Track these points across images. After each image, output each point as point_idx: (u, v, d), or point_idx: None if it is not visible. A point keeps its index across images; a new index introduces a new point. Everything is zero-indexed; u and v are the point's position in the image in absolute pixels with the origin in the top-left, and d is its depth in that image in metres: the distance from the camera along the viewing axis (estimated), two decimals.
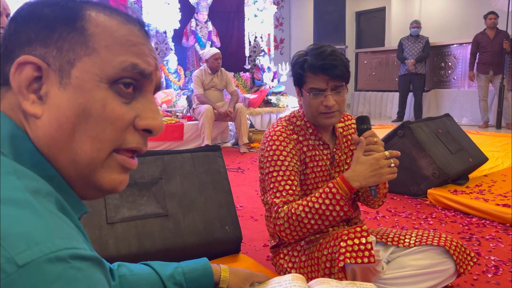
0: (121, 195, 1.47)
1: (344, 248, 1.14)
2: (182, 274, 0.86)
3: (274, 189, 1.28)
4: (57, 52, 0.45)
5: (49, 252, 0.33)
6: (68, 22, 0.45)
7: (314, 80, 1.27)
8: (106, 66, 0.46)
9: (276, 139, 1.32)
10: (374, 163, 1.16)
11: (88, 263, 0.36)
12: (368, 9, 9.90)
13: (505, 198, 2.54)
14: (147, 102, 0.49)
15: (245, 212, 2.49)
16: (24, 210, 0.35)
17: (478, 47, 6.08)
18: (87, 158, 0.46)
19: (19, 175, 0.39)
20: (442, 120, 3.19)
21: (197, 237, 1.51)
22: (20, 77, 0.44)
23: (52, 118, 0.44)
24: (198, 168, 1.63)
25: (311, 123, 1.36)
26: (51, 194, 0.41)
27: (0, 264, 0.31)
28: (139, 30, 0.49)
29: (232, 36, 6.94)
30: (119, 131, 0.47)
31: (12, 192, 0.37)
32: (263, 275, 1.01)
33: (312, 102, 1.28)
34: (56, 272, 0.33)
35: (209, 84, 4.72)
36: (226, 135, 5.21)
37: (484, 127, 6.13)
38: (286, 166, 1.29)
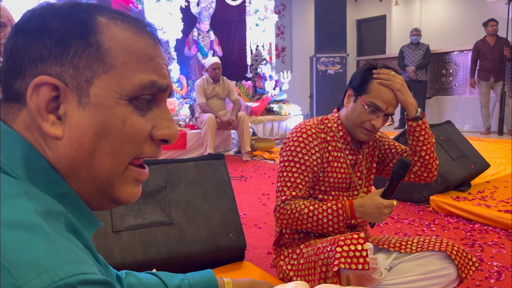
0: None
1: (339, 253, 1.16)
2: (189, 286, 0.87)
3: (286, 178, 1.35)
4: (73, 70, 0.44)
5: (58, 280, 0.33)
6: (82, 37, 0.44)
7: (379, 97, 1.32)
8: (125, 84, 0.45)
9: (304, 132, 1.37)
10: (381, 208, 1.26)
11: (99, 287, 0.36)
12: (369, 17, 9.96)
13: (507, 204, 2.54)
14: (162, 112, 0.49)
15: (248, 220, 2.50)
16: (33, 234, 0.35)
17: (479, 54, 6.11)
18: (107, 172, 0.46)
19: (29, 196, 0.39)
20: (444, 127, 3.21)
21: (202, 244, 1.52)
22: (38, 99, 0.43)
23: (73, 138, 0.44)
24: (202, 176, 1.65)
25: (343, 127, 1.41)
26: (62, 215, 0.41)
27: None
28: (150, 39, 0.48)
29: (234, 45, 6.99)
30: (138, 144, 0.47)
31: (21, 215, 0.36)
32: (266, 282, 1.02)
33: (363, 115, 1.33)
34: None
35: (211, 93, 4.75)
36: (229, 144, 5.24)
37: (486, 133, 6.13)
38: (305, 160, 1.35)
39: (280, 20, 8.95)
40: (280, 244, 1.48)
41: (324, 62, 7.14)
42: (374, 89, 1.32)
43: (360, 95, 1.34)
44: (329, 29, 7.07)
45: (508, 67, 6.12)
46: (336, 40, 7.11)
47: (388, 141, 1.53)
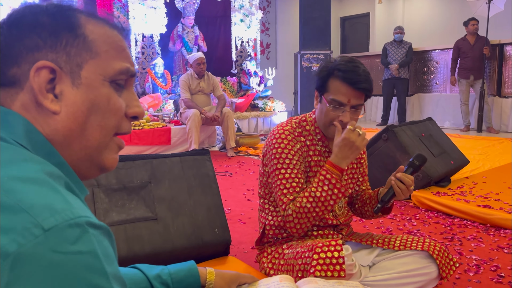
0: (110, 199, 1.48)
1: (316, 261, 1.16)
2: (169, 274, 0.88)
3: (281, 186, 1.32)
4: (66, 57, 0.52)
5: (69, 219, 0.40)
6: (71, 30, 0.52)
7: (337, 92, 1.29)
8: (107, 68, 0.54)
9: (284, 137, 1.36)
10: (346, 142, 1.26)
11: (100, 231, 0.42)
12: (353, 14, 10.04)
13: (486, 199, 2.61)
14: (131, 94, 0.59)
15: (233, 215, 2.51)
16: (44, 186, 0.42)
17: (459, 53, 6.23)
18: (96, 142, 0.54)
19: (35, 161, 0.46)
20: (425, 124, 3.27)
21: (187, 240, 1.52)
22: (39, 79, 0.50)
23: (69, 113, 0.52)
24: (187, 172, 1.65)
25: (321, 130, 1.41)
26: (61, 177, 0.48)
27: (30, 228, 0.37)
28: (119, 34, 0.58)
29: (218, 40, 6.97)
30: (119, 119, 0.56)
31: (32, 173, 0.43)
32: (250, 276, 1.03)
33: (329, 113, 1.32)
34: (76, 235, 0.39)
35: (196, 89, 4.73)
36: (214, 140, 5.23)
37: (465, 130, 6.27)
38: (294, 164, 1.33)
39: (265, 17, 8.94)
40: (263, 242, 1.49)
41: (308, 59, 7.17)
42: (332, 86, 1.30)
43: (322, 94, 1.34)
44: (314, 26, 7.11)
45: (487, 65, 6.26)
46: (320, 37, 7.15)
47: (364, 168, 1.54)
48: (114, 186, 1.49)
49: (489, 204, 2.48)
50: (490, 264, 1.79)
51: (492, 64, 6.39)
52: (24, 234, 0.37)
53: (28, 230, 0.37)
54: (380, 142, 2.86)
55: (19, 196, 0.40)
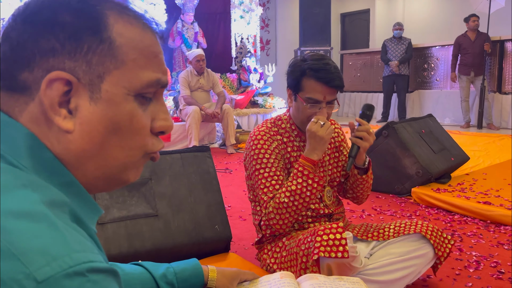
0: (111, 196, 1.48)
1: (319, 243, 1.18)
2: (174, 274, 0.88)
3: (261, 186, 1.36)
4: (86, 66, 0.44)
5: (67, 267, 0.34)
6: (95, 33, 0.44)
7: (312, 90, 1.33)
8: (133, 80, 0.46)
9: (260, 138, 1.39)
10: (310, 134, 1.30)
11: (104, 275, 0.37)
12: (353, 11, 10.01)
13: (486, 195, 2.61)
14: (159, 105, 0.51)
15: (233, 211, 2.51)
16: (41, 223, 0.36)
17: (460, 49, 6.22)
18: (118, 162, 0.48)
19: (34, 187, 0.40)
20: (425, 120, 3.27)
21: (187, 236, 1.52)
22: (52, 93, 0.43)
23: (84, 132, 0.45)
24: (187, 169, 1.65)
25: (296, 126, 1.44)
26: (66, 205, 0.41)
27: (20, 280, 0.32)
28: (154, 36, 0.49)
29: (218, 37, 6.95)
30: (144, 137, 0.49)
31: (28, 205, 0.37)
32: (251, 272, 1.03)
33: (306, 111, 1.36)
34: (75, 287, 0.34)
35: (195, 86, 4.72)
36: (213, 136, 5.22)
37: (465, 127, 6.27)
38: (272, 163, 1.37)
39: (265, 13, 8.92)
40: (262, 241, 1.50)
41: None
42: (307, 85, 1.33)
43: (297, 93, 1.36)
44: (314, 23, 7.09)
45: (488, 62, 6.25)
46: (320, 33, 7.14)
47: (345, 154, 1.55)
48: None
49: (489, 200, 2.48)
50: (490, 260, 1.79)
51: (492, 61, 6.38)
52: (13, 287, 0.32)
53: (18, 282, 0.32)
54: (381, 139, 2.86)
55: (10, 237, 0.33)
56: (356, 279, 1.06)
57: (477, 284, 1.58)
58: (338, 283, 1.02)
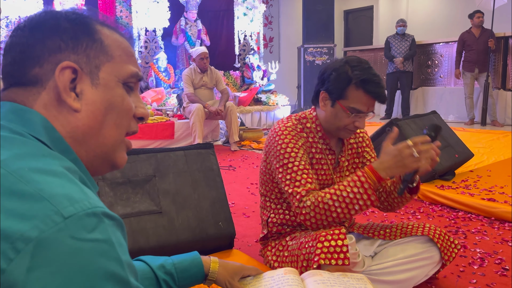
0: (115, 193, 1.48)
1: (320, 249, 1.16)
2: (172, 264, 0.89)
3: (291, 180, 1.29)
4: (86, 58, 0.56)
5: (87, 208, 0.42)
6: (89, 35, 0.57)
7: (359, 102, 1.27)
8: (120, 71, 0.59)
9: (287, 133, 1.34)
10: (397, 154, 1.18)
11: (114, 222, 0.45)
12: (356, 7, 9.97)
13: (490, 192, 2.60)
14: (136, 97, 0.63)
15: (237, 208, 2.52)
16: (62, 178, 0.45)
17: (464, 46, 6.18)
18: (113, 140, 0.58)
19: (54, 156, 0.49)
20: (429, 117, 3.25)
21: (191, 233, 1.53)
22: (64, 78, 0.53)
23: (89, 111, 0.55)
24: (191, 166, 1.65)
25: (322, 128, 1.38)
26: (76, 172, 0.50)
27: (50, 215, 0.40)
28: (128, 40, 0.63)
29: (221, 34, 6.95)
30: (130, 119, 0.60)
31: (51, 166, 0.46)
32: (254, 268, 1.03)
33: (345, 119, 1.30)
34: (93, 223, 0.42)
35: (199, 83, 4.72)
36: (217, 134, 5.23)
37: (470, 124, 6.24)
38: (300, 157, 1.31)
39: (268, 10, 8.90)
40: (266, 237, 1.49)
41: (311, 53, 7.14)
42: (352, 95, 1.27)
43: (337, 99, 1.29)
44: (317, 20, 7.07)
45: (492, 58, 6.21)
46: (323, 30, 7.11)
47: (370, 160, 1.48)
48: (119, 179, 1.50)
49: (494, 197, 2.47)
50: (495, 257, 1.79)
51: (496, 57, 6.34)
52: (46, 220, 0.39)
53: (49, 217, 0.40)
54: (384, 136, 2.85)
55: (40, 185, 0.42)
56: (360, 275, 1.07)
57: (481, 281, 1.58)
58: (342, 279, 1.02)
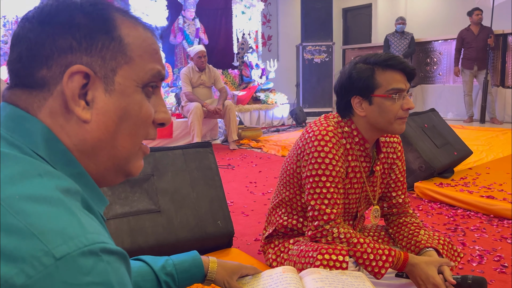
0: (113, 192, 1.48)
1: (319, 261, 1.14)
2: (173, 265, 0.88)
3: (320, 194, 1.23)
4: (101, 61, 0.48)
5: (83, 246, 0.37)
6: (107, 32, 0.49)
7: (393, 80, 1.19)
8: (140, 73, 0.51)
9: (328, 140, 1.22)
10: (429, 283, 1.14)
11: (116, 257, 0.39)
12: (355, 5, 9.96)
13: (489, 190, 2.61)
14: (159, 98, 0.55)
15: (236, 207, 2.52)
16: (57, 207, 0.39)
17: (463, 43, 6.18)
18: (126, 152, 0.52)
19: (51, 176, 0.43)
20: (428, 115, 3.25)
21: (190, 232, 1.53)
22: (73, 85, 0.47)
23: (100, 122, 0.49)
24: (189, 164, 1.65)
25: (359, 132, 1.27)
26: (78, 193, 0.44)
27: (39, 257, 0.35)
28: (153, 35, 0.55)
29: (220, 33, 6.94)
30: (148, 126, 0.54)
31: (45, 191, 0.40)
32: (253, 267, 1.03)
33: (391, 107, 1.20)
34: (89, 264, 0.36)
35: (197, 82, 4.72)
36: (216, 133, 5.23)
37: (468, 121, 6.24)
38: (337, 171, 1.22)
39: (266, 8, 8.89)
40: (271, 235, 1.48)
41: (310, 51, 7.14)
42: (383, 79, 1.20)
43: (372, 93, 1.21)
44: (316, 18, 7.07)
45: (491, 56, 6.21)
46: (322, 28, 7.11)
47: (397, 175, 1.40)
48: None
49: (492, 194, 2.48)
50: (494, 254, 1.79)
51: (495, 55, 6.35)
52: (34, 263, 0.34)
53: (37, 259, 0.35)
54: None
55: (30, 219, 0.36)
56: (358, 273, 1.06)
57: None
58: (341, 277, 1.02)
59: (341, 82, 1.27)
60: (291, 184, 1.36)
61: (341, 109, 1.29)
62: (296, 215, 1.39)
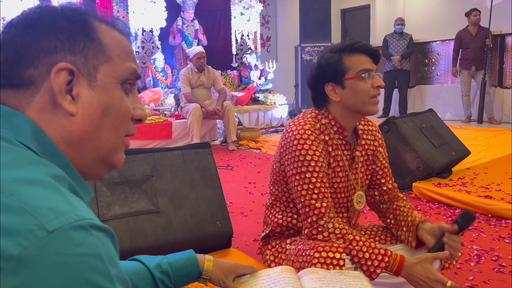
0: (112, 193, 1.49)
1: (316, 259, 1.15)
2: (168, 263, 0.89)
3: (308, 191, 1.25)
4: (84, 59, 0.53)
5: (73, 221, 0.40)
6: (87, 34, 0.54)
7: (360, 62, 1.26)
8: (119, 70, 0.56)
9: (306, 138, 1.26)
10: (431, 278, 1.13)
11: (103, 233, 0.42)
12: (353, 6, 9.98)
13: (487, 189, 2.62)
14: (134, 97, 0.60)
15: (235, 208, 2.52)
16: (48, 188, 0.42)
17: (461, 44, 6.20)
18: (110, 144, 0.56)
19: (40, 164, 0.46)
20: (426, 115, 3.27)
21: (189, 232, 1.53)
22: (59, 81, 0.51)
23: (85, 115, 0.53)
24: (188, 165, 1.65)
25: (337, 121, 1.32)
26: (66, 180, 0.48)
27: (33, 230, 0.37)
28: (126, 38, 0.60)
29: (218, 34, 6.95)
30: (128, 121, 0.58)
31: (37, 175, 0.43)
32: (250, 266, 1.03)
33: (363, 86, 1.25)
34: (80, 237, 0.39)
35: (196, 83, 4.73)
36: (215, 133, 5.23)
37: (467, 122, 6.26)
38: (320, 166, 1.25)
39: (265, 9, 8.90)
40: (268, 236, 1.48)
41: (309, 52, 7.15)
42: (351, 62, 1.26)
43: (343, 77, 1.27)
44: (314, 19, 7.08)
45: (489, 56, 6.23)
46: (320, 29, 7.12)
47: (382, 162, 1.43)
48: (116, 179, 1.50)
49: (490, 194, 2.49)
50: (491, 254, 1.80)
51: (493, 55, 6.37)
52: (28, 236, 0.37)
53: (32, 232, 0.37)
54: (382, 134, 2.86)
55: (23, 198, 0.39)
56: (356, 273, 1.07)
57: (478, 278, 1.59)
58: (339, 277, 1.03)
59: (312, 74, 1.32)
60: (278, 182, 1.39)
61: (316, 100, 1.33)
62: (290, 212, 1.39)
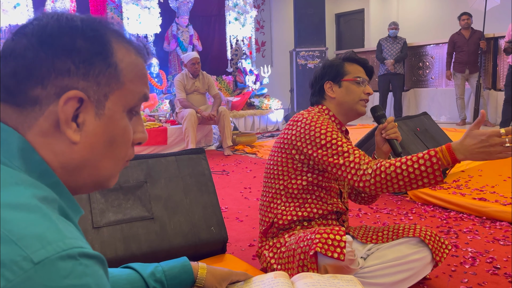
0: (106, 199, 1.48)
1: (318, 240, 1.18)
2: (162, 272, 0.88)
3: (339, 152, 1.31)
4: (96, 86, 0.50)
5: (61, 250, 0.38)
6: (105, 58, 0.51)
7: (357, 71, 1.48)
8: (129, 98, 0.54)
9: (316, 119, 1.39)
10: (484, 139, 1.11)
11: (93, 261, 0.41)
12: (347, 11, 10.04)
13: (481, 192, 2.63)
14: (138, 118, 0.57)
15: (230, 213, 2.52)
16: (35, 214, 0.40)
17: (454, 47, 6.25)
18: (108, 172, 0.55)
19: (27, 185, 0.44)
20: (420, 118, 3.28)
21: (183, 238, 1.53)
22: (67, 109, 0.48)
23: (87, 144, 0.51)
24: (182, 171, 1.65)
25: (336, 118, 1.48)
26: (55, 201, 0.46)
27: (18, 262, 0.35)
28: (143, 59, 0.56)
29: (213, 39, 6.96)
30: (129, 148, 0.56)
31: (23, 199, 0.41)
32: (243, 273, 1.03)
33: (356, 89, 1.46)
34: (68, 268, 0.37)
35: (191, 88, 4.73)
36: (210, 139, 5.23)
37: (461, 124, 6.29)
38: (336, 132, 1.37)
39: (260, 15, 8.93)
40: (268, 233, 1.49)
41: (304, 56, 7.17)
42: (349, 69, 1.48)
43: (342, 78, 1.47)
44: (308, 23, 7.11)
45: (482, 59, 6.28)
46: (315, 34, 7.15)
47: None
48: None
49: (485, 196, 2.50)
50: (486, 256, 1.80)
51: (486, 58, 6.41)
52: (12, 268, 0.35)
53: (16, 263, 0.36)
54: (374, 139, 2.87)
55: (8, 225, 0.37)
56: (350, 277, 1.07)
57: (473, 280, 1.59)
58: (332, 281, 1.02)
59: (315, 74, 1.54)
60: (284, 172, 1.45)
61: (314, 96, 1.53)
62: (292, 201, 1.44)
